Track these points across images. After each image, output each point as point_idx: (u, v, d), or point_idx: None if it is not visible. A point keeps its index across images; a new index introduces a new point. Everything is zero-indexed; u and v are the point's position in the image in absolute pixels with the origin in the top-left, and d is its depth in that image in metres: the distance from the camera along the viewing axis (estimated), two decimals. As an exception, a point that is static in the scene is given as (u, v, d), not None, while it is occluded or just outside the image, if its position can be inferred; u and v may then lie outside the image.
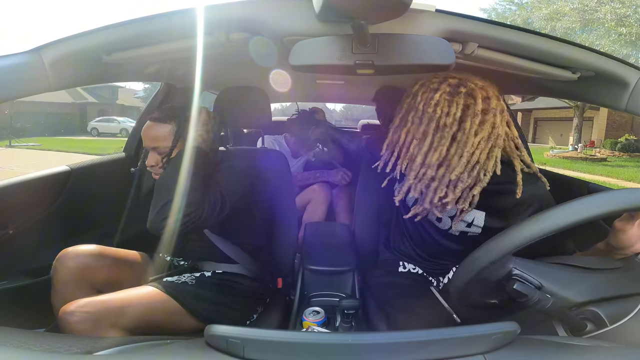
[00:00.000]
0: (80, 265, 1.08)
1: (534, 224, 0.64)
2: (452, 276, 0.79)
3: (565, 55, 0.86)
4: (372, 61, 0.77)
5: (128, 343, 0.54)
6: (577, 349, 0.58)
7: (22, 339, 0.52)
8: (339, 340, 0.54)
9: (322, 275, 1.29)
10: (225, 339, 0.50)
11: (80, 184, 1.40)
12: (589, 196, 0.63)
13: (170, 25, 0.87)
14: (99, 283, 1.11)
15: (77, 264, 1.08)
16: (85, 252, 1.10)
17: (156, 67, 1.23)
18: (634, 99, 0.83)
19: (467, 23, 0.83)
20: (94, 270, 1.09)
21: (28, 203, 1.23)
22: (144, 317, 0.98)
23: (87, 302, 0.92)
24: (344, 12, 0.66)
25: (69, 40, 0.85)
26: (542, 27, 13.86)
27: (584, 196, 0.63)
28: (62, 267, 1.08)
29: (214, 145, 1.18)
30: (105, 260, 1.12)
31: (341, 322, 1.07)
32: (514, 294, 0.68)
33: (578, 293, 0.67)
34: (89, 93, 26.49)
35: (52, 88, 0.86)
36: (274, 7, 0.83)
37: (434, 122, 0.89)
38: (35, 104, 20.90)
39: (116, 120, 22.86)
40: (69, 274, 1.07)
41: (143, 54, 0.95)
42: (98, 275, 1.10)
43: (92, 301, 0.93)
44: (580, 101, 1.06)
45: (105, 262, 1.12)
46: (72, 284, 1.06)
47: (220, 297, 1.13)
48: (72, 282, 1.07)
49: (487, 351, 0.50)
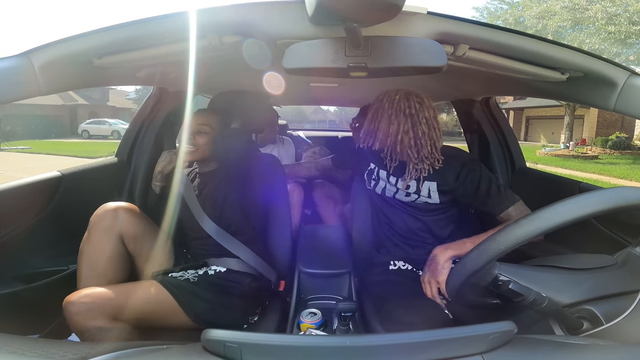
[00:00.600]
0: (116, 216, 1.18)
1: (518, 229, 0.64)
2: (447, 279, 0.80)
3: (554, 56, 0.87)
4: (365, 64, 0.77)
5: (124, 349, 0.53)
6: (574, 347, 0.58)
7: (17, 345, 0.51)
8: (336, 343, 0.54)
9: (318, 278, 1.29)
10: (223, 344, 0.49)
11: (72, 189, 1.39)
12: (570, 198, 0.62)
13: (162, 29, 0.86)
14: (127, 234, 1.19)
15: (115, 215, 1.18)
16: (123, 207, 1.21)
17: (148, 70, 1.22)
18: (622, 99, 0.84)
19: (459, 25, 0.83)
20: (126, 222, 1.19)
21: (19, 209, 1.22)
22: (142, 310, 1.03)
23: (88, 294, 0.98)
24: (336, 14, 0.66)
25: (59, 43, 0.84)
26: (533, 25, 14.03)
27: (566, 198, 0.62)
28: (99, 219, 1.17)
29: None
30: (136, 216, 1.23)
31: (338, 324, 1.07)
32: (509, 294, 0.68)
33: (567, 295, 0.68)
34: (79, 95, 26.19)
35: (42, 92, 0.85)
36: (266, 10, 0.83)
37: (401, 113, 1.20)
38: (25, 106, 20.64)
39: (107, 123, 22.65)
40: (105, 223, 1.17)
41: (134, 57, 0.94)
42: (128, 228, 1.19)
43: (93, 292, 0.98)
44: (570, 102, 1.08)
45: (136, 217, 1.22)
46: (104, 232, 1.16)
47: (217, 297, 1.14)
48: (104, 230, 1.16)
49: (485, 351, 0.50)
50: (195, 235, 1.30)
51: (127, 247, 1.20)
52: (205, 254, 1.28)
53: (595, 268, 0.73)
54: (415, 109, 1.20)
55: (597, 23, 12.58)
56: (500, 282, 0.70)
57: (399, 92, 1.24)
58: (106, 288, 1.02)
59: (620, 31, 12.04)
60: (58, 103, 24.12)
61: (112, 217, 1.17)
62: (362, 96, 2.28)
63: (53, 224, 1.32)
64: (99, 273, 1.12)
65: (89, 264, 1.13)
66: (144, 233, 1.22)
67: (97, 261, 1.13)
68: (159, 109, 1.75)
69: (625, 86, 0.83)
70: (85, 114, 25.63)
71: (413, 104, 1.21)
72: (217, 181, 1.30)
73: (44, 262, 1.30)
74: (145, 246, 1.22)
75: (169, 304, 1.06)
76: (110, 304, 0.98)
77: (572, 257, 0.79)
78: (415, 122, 1.20)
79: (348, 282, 1.30)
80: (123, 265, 1.19)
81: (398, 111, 1.21)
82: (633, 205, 0.60)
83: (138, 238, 1.21)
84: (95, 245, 1.15)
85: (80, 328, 0.95)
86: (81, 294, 0.97)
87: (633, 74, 0.83)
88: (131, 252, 1.22)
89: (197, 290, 1.12)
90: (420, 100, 1.22)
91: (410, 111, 1.20)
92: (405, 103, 1.21)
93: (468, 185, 1.24)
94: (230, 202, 1.27)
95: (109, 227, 1.16)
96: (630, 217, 1.10)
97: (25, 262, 1.27)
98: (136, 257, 1.23)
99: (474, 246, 0.71)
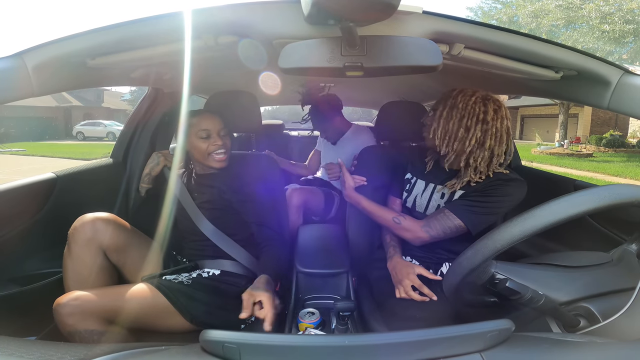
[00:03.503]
0: (95, 228, 1.14)
1: (514, 227, 0.64)
2: (444, 279, 0.80)
3: (548, 55, 0.88)
4: (361, 63, 0.77)
5: (121, 350, 0.53)
6: (571, 345, 0.58)
7: (14, 348, 0.50)
8: (335, 343, 0.54)
9: (316, 277, 1.29)
10: (221, 344, 0.49)
11: (67, 191, 1.38)
12: (564, 196, 0.63)
13: (156, 29, 0.86)
14: (109, 247, 1.15)
15: (93, 227, 1.13)
16: (101, 218, 1.16)
17: (143, 71, 1.21)
18: (616, 97, 0.85)
19: (454, 24, 0.84)
20: (105, 234, 1.14)
21: (14, 211, 1.21)
22: (135, 313, 1.00)
23: (80, 296, 0.95)
24: (332, 14, 0.66)
25: (52, 44, 0.83)
26: (527, 23, 14.10)
27: (561, 196, 0.63)
28: (77, 232, 1.13)
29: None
30: (117, 228, 1.18)
31: (337, 324, 1.07)
32: (506, 292, 0.69)
33: (564, 293, 0.68)
34: (74, 96, 26.02)
35: (35, 93, 0.84)
36: (262, 10, 0.82)
37: (474, 117, 1.10)
38: (18, 108, 20.48)
39: (102, 124, 22.49)
40: (84, 236, 1.12)
41: (128, 58, 0.94)
42: (108, 240, 1.15)
43: (84, 295, 0.96)
44: (564, 100, 1.09)
45: (117, 229, 1.18)
46: (84, 246, 1.12)
47: (213, 299, 1.14)
48: (84, 244, 1.12)
49: (484, 349, 0.50)
50: (191, 237, 1.29)
51: (111, 260, 1.17)
52: (200, 255, 1.27)
53: (591, 266, 0.74)
54: (490, 116, 1.10)
55: (591, 22, 12.65)
56: (497, 280, 0.70)
57: (476, 94, 1.13)
58: (98, 290, 1.01)
59: (615, 30, 12.10)
60: (52, 105, 23.93)
61: (91, 229, 1.13)
62: (358, 95, 2.28)
63: (48, 226, 1.31)
64: (86, 287, 1.06)
65: (74, 278, 1.11)
66: (128, 243, 1.19)
67: (82, 276, 1.11)
68: (155, 109, 1.74)
69: (619, 84, 0.84)
70: (80, 116, 25.44)
71: (489, 110, 1.10)
72: (214, 182, 1.30)
73: (40, 264, 1.29)
74: (131, 257, 1.19)
75: (163, 306, 1.05)
76: (101, 306, 0.96)
77: (568, 255, 0.80)
78: (486, 130, 1.10)
79: (346, 281, 1.30)
80: (109, 279, 1.16)
81: (472, 114, 1.10)
82: (627, 203, 0.61)
83: (121, 249, 1.17)
84: (77, 260, 1.11)
85: (70, 330, 0.93)
86: (71, 296, 0.95)
87: (626, 73, 0.84)
88: (116, 265, 1.18)
89: (192, 292, 1.11)
90: (497, 107, 1.11)
91: (485, 117, 1.09)
92: (482, 107, 1.10)
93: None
94: (227, 204, 1.27)
95: (88, 239, 1.12)
96: (625, 215, 1.10)
97: (21, 264, 1.26)
98: (122, 268, 1.20)
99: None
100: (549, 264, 0.76)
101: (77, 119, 24.78)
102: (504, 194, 1.12)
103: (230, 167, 1.31)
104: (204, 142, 1.24)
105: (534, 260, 0.80)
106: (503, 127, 1.11)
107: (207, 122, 1.25)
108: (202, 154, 1.25)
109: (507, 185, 1.13)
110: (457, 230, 1.12)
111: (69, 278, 1.11)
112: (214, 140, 1.24)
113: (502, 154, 1.13)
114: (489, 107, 1.10)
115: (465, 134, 1.11)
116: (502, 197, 1.12)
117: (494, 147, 1.11)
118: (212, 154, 1.24)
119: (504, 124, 1.11)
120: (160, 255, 1.26)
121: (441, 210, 1.16)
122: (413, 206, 1.28)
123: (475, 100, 1.10)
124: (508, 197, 1.12)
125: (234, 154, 1.34)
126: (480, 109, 1.09)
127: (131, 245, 1.20)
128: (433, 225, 1.15)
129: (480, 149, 1.11)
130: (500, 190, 1.12)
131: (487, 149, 1.10)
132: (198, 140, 1.24)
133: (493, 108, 1.10)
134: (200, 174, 1.34)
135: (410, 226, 1.18)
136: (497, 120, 1.10)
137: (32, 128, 21.84)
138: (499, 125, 1.10)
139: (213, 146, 1.24)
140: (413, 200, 1.28)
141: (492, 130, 1.09)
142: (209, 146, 1.24)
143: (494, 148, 1.11)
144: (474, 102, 1.10)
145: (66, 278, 1.12)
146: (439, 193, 1.23)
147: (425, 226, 1.16)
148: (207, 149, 1.24)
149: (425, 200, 1.25)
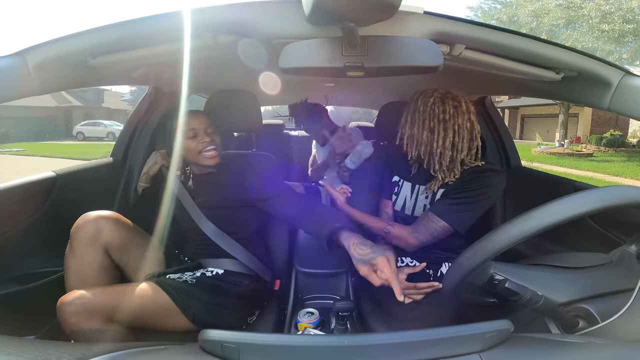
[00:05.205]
0: (98, 227, 1.13)
1: (513, 228, 0.64)
2: (443, 280, 0.80)
3: (548, 56, 0.87)
4: (361, 63, 0.77)
5: (119, 349, 0.53)
6: (570, 345, 0.59)
7: (12, 347, 0.50)
8: (334, 343, 0.54)
9: (315, 277, 1.29)
10: (220, 344, 0.49)
11: (67, 189, 1.38)
12: (564, 197, 0.62)
13: (156, 28, 0.86)
14: (111, 245, 1.16)
15: (96, 225, 1.13)
16: (104, 216, 1.16)
17: (143, 70, 1.21)
18: (616, 99, 0.85)
19: (455, 25, 0.84)
20: (108, 232, 1.15)
21: (13, 210, 1.21)
22: (139, 312, 1.01)
23: (84, 294, 0.96)
24: (333, 14, 0.66)
25: (53, 43, 0.83)
26: (528, 22, 14.10)
27: (561, 197, 0.63)
28: (80, 230, 1.13)
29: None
30: (120, 226, 1.18)
31: (336, 324, 1.07)
32: (505, 292, 0.69)
33: (563, 294, 0.68)
34: (74, 96, 26.02)
35: (36, 92, 0.84)
36: (262, 10, 0.82)
37: (435, 118, 1.11)
38: (18, 108, 20.49)
39: (102, 124, 22.52)
40: (87, 235, 1.12)
41: (129, 57, 0.94)
42: (111, 238, 1.15)
43: (89, 293, 0.96)
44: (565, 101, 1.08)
45: (119, 227, 1.18)
46: (87, 244, 1.12)
47: (214, 298, 1.14)
48: (87, 242, 1.12)
49: (482, 350, 0.50)
50: (191, 236, 1.29)
51: (113, 259, 1.17)
52: (201, 254, 1.27)
53: (591, 267, 0.74)
54: (450, 114, 1.11)
55: (591, 21, 12.65)
56: (496, 281, 0.70)
57: (434, 94, 1.14)
58: (102, 289, 1.01)
59: (614, 30, 12.10)
60: (52, 105, 23.94)
61: (94, 227, 1.13)
62: (358, 95, 2.28)
63: (48, 225, 1.31)
64: (87, 287, 1.05)
65: (76, 276, 1.11)
66: (130, 242, 1.19)
67: (84, 275, 1.11)
68: (155, 108, 1.74)
69: (620, 86, 0.84)
70: (80, 116, 25.45)
71: (448, 108, 1.12)
72: (214, 182, 1.30)
73: (39, 263, 1.29)
74: (134, 256, 1.19)
75: (166, 305, 1.05)
76: (105, 305, 0.96)
77: (567, 256, 0.80)
78: (447, 128, 1.11)
79: (345, 281, 1.30)
80: (110, 278, 1.16)
81: (432, 116, 1.12)
82: (627, 204, 0.60)
83: (123, 248, 1.17)
84: (80, 258, 1.11)
85: (73, 329, 0.93)
86: (76, 295, 0.95)
87: (627, 74, 0.84)
88: (118, 264, 1.18)
89: (195, 292, 1.11)
90: (456, 104, 1.13)
91: (445, 117, 1.11)
92: (440, 107, 1.12)
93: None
94: (227, 203, 1.27)
95: (91, 238, 1.12)
96: (625, 216, 1.10)
97: (21, 263, 1.26)
98: (124, 267, 1.20)
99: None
100: (548, 265, 0.76)
101: (77, 119, 24.80)
102: (481, 186, 1.14)
103: (231, 167, 1.31)
104: (192, 141, 1.24)
105: (533, 261, 0.80)
106: (464, 123, 1.13)
107: (193, 121, 1.25)
108: (193, 153, 1.26)
109: (484, 177, 1.15)
110: (445, 231, 1.13)
111: (71, 276, 1.11)
112: (201, 138, 1.25)
113: (467, 149, 1.15)
114: (447, 105, 1.12)
115: (430, 136, 1.13)
116: (481, 189, 1.13)
117: (458, 143, 1.13)
118: (202, 152, 1.25)
119: (465, 119, 1.13)
120: (163, 255, 1.26)
121: (426, 213, 1.17)
122: (402, 209, 1.29)
123: (434, 101, 1.13)
124: (487, 189, 1.14)
125: (234, 154, 1.34)
126: (439, 109, 1.12)
127: (133, 244, 1.20)
128: (420, 230, 1.15)
129: (448, 147, 1.13)
130: (476, 182, 1.14)
131: (454, 147, 1.13)
132: (187, 140, 1.24)
133: (452, 105, 1.12)
134: (198, 174, 1.34)
135: (400, 234, 1.18)
136: (457, 117, 1.12)
137: (32, 128, 21.82)
138: (460, 122, 1.12)
139: (201, 144, 1.24)
140: (402, 203, 1.29)
141: (454, 127, 1.11)
142: (197, 144, 1.24)
143: (458, 144, 1.13)
144: (432, 103, 1.13)
145: (67, 276, 1.12)
146: (423, 194, 1.24)
147: (413, 232, 1.16)
148: (196, 147, 1.24)
149: (413, 202, 1.26)
